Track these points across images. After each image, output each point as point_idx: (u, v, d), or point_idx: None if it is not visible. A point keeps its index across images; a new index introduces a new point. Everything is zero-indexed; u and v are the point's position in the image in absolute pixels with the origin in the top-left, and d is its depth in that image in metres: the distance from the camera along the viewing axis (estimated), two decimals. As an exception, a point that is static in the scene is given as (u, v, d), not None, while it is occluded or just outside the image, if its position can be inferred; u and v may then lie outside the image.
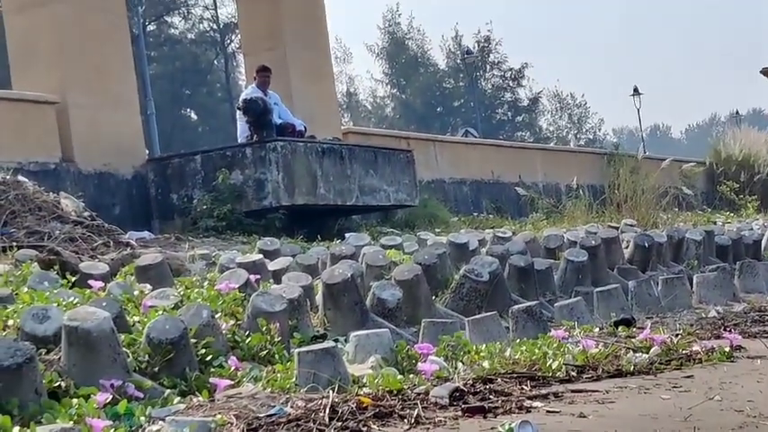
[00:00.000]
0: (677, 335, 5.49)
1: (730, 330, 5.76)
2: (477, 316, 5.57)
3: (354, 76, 69.54)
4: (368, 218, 14.63)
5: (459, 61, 63.79)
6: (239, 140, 13.25)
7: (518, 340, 5.15)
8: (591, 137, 72.74)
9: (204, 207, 11.98)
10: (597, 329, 5.63)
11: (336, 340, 5.00)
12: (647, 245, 8.93)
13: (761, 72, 34.28)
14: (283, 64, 15.30)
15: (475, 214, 16.82)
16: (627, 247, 9.11)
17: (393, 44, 66.98)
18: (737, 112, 63.50)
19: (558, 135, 72.70)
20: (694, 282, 7.96)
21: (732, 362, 4.73)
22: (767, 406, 3.65)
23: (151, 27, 51.42)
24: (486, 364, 4.41)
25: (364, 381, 4.05)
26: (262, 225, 11.85)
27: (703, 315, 6.85)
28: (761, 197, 23.74)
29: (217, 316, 4.78)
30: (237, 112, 13.63)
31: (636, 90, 47.34)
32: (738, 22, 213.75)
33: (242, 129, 13.31)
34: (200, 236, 11.28)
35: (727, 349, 4.90)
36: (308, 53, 15.94)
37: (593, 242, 8.22)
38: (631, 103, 48.14)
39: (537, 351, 4.62)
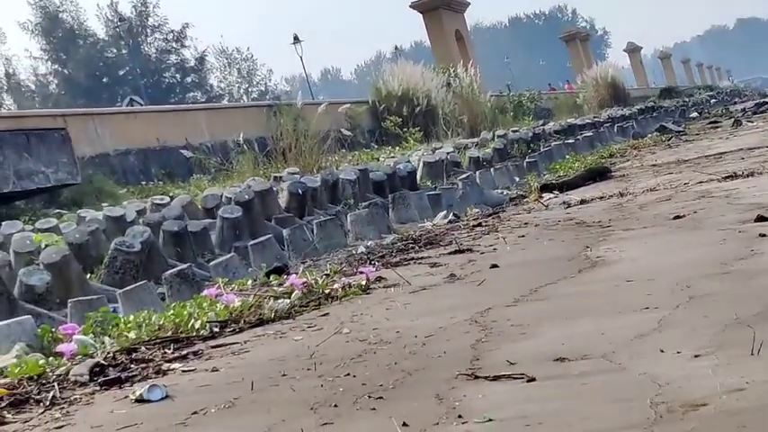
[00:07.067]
0: (327, 275, 5.72)
1: (374, 263, 6.05)
2: (127, 288, 5.59)
3: (11, 56, 66.80)
4: (32, 202, 14.16)
5: (117, 28, 62.54)
6: None
7: (172, 305, 5.22)
8: (263, 89, 73.32)
9: None
10: (251, 282, 5.77)
11: (-18, 335, 4.90)
12: (300, 192, 9.17)
13: (410, 6, 35.55)
14: None
15: (144, 183, 16.62)
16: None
17: (46, 19, 64.79)
18: (397, 48, 65.75)
19: (230, 91, 72.86)
20: (348, 220, 8.25)
21: (368, 294, 5.00)
22: (389, 331, 3.91)
23: None
24: (132, 334, 4.46)
25: (7, 371, 4.01)
26: None
27: (353, 252, 7.14)
28: (423, 128, 24.65)
29: None
30: None
31: (296, 38, 48.05)
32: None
33: None
34: None
35: (364, 282, 5.16)
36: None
37: (247, 196, 8.36)
38: (296, 51, 48.90)
39: (184, 313, 4.71)
